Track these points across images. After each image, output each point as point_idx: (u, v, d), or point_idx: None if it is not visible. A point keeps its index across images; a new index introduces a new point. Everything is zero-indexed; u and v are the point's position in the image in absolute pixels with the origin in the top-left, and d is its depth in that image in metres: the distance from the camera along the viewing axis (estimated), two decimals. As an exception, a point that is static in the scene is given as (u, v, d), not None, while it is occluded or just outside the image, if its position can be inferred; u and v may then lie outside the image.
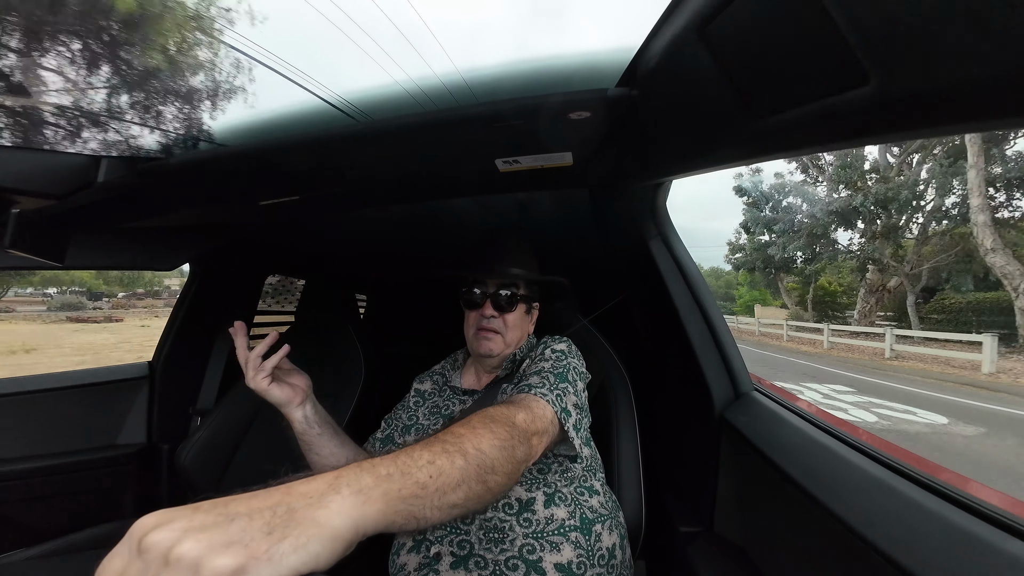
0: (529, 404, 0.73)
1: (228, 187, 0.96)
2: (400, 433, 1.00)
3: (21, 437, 1.29)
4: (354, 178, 0.93)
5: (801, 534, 0.61)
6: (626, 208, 1.01)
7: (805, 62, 0.36)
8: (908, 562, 0.41)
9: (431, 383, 1.09)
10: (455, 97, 0.65)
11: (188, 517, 0.34)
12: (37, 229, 0.89)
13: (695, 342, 0.96)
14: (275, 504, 0.36)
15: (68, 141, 0.77)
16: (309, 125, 0.72)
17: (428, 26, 0.54)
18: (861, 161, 15.75)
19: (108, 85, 0.79)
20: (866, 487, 0.53)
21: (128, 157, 0.82)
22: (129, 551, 0.32)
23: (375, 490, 0.42)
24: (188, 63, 0.82)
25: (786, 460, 0.66)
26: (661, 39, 0.48)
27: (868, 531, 0.47)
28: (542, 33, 0.57)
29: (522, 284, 1.03)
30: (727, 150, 0.56)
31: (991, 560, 0.38)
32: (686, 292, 1.00)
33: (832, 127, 0.40)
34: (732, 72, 0.43)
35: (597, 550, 0.79)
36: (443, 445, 0.52)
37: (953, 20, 0.26)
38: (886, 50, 0.30)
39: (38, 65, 0.72)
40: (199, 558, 0.31)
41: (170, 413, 1.55)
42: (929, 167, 14.87)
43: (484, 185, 0.99)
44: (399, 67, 0.58)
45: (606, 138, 0.70)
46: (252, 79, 0.65)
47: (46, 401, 1.35)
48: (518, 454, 0.61)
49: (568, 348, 0.96)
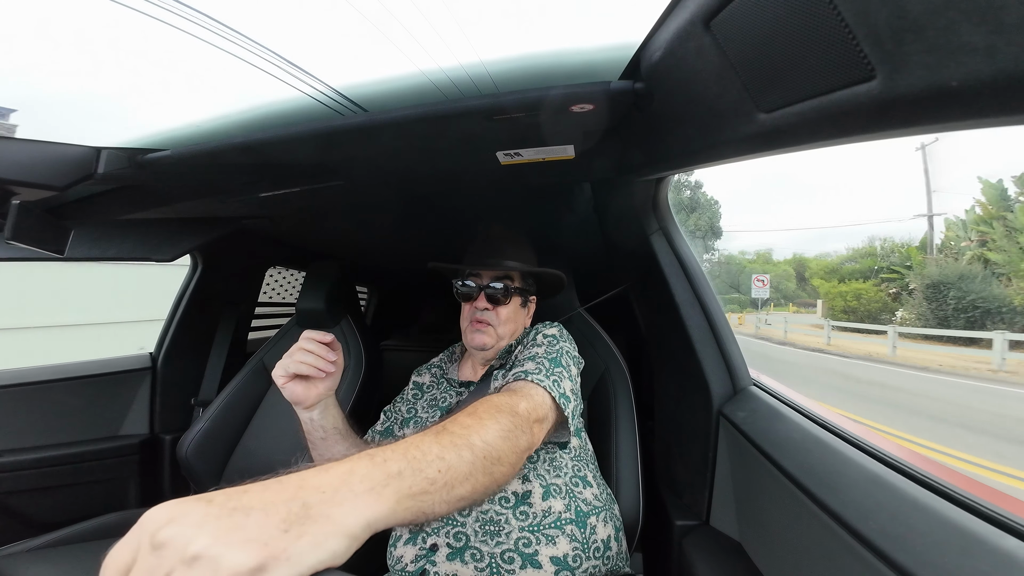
0: (529, 392, 0.73)
1: (228, 179, 0.95)
2: (399, 426, 1.01)
3: (24, 428, 1.30)
4: (355, 170, 0.93)
5: (796, 529, 0.61)
6: (628, 202, 1.01)
7: (811, 56, 0.36)
8: (903, 558, 0.42)
9: (429, 376, 1.09)
10: (457, 89, 0.64)
11: (202, 510, 0.33)
12: (38, 220, 0.89)
13: (695, 337, 0.96)
14: (290, 499, 0.36)
15: (68, 132, 0.77)
16: (309, 117, 0.72)
17: (429, 18, 0.53)
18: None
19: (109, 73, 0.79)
20: (862, 482, 0.54)
21: (128, 148, 0.82)
22: (140, 544, 0.32)
23: (386, 488, 0.42)
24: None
25: (783, 455, 0.67)
26: (666, 31, 0.48)
27: (863, 526, 0.47)
28: (545, 25, 0.56)
29: (517, 277, 1.03)
30: (731, 145, 0.56)
31: (986, 557, 0.38)
32: (687, 287, 1.00)
33: (838, 122, 0.40)
34: (737, 65, 0.43)
35: (592, 543, 0.80)
36: (451, 438, 0.52)
37: (963, 15, 0.26)
38: (893, 45, 0.30)
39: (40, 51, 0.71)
40: (218, 555, 0.30)
41: (172, 404, 1.56)
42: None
43: (486, 178, 0.99)
44: (400, 59, 0.58)
45: (609, 131, 0.70)
46: (254, 69, 0.64)
47: (48, 392, 1.35)
48: (522, 443, 0.61)
49: (559, 332, 0.96)
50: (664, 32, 0.48)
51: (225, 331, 1.71)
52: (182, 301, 1.58)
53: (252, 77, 0.60)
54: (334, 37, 0.59)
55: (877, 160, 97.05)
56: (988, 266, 14.36)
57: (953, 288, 13.64)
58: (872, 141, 0.41)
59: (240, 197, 1.09)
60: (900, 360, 10.26)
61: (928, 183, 16.73)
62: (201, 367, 1.66)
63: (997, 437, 4.77)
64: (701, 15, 0.41)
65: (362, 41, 0.55)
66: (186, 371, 1.61)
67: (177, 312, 1.57)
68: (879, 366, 9.63)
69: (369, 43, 0.55)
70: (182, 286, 1.60)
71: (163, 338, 1.57)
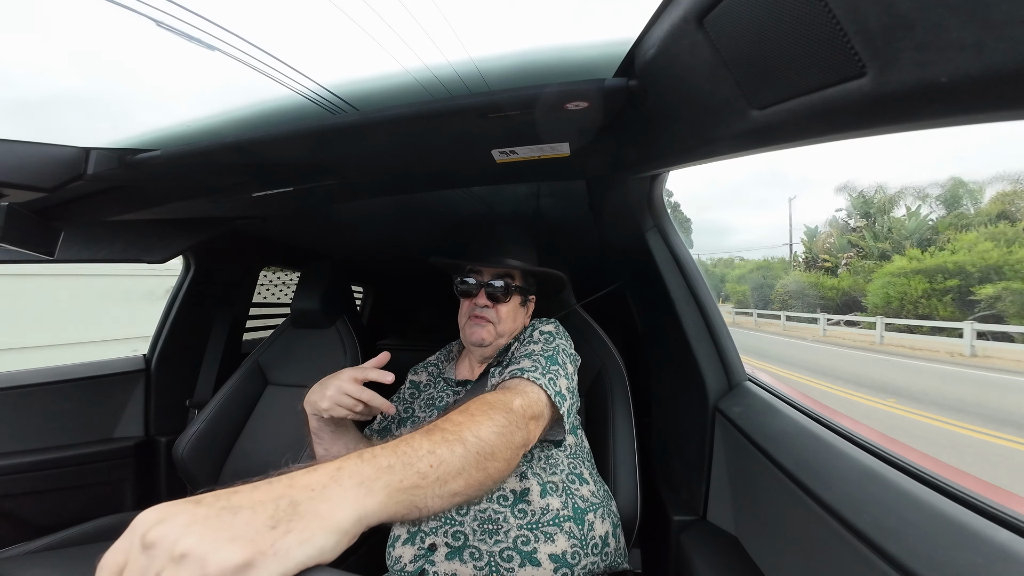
0: (524, 389, 0.73)
1: (220, 179, 0.94)
2: (396, 426, 1.00)
3: (19, 431, 1.29)
4: (348, 169, 0.92)
5: (792, 522, 0.62)
6: (623, 199, 1.01)
7: (803, 53, 0.36)
8: (896, 550, 0.42)
9: (426, 375, 1.09)
10: (451, 87, 0.64)
11: (191, 511, 0.33)
12: (27, 222, 0.88)
13: (690, 333, 0.97)
14: (278, 497, 0.36)
15: (57, 133, 0.76)
16: (302, 116, 0.71)
17: (422, 15, 0.53)
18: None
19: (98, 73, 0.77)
20: (857, 476, 0.54)
21: (118, 149, 0.81)
22: (132, 546, 0.32)
23: (377, 482, 0.42)
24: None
25: (778, 450, 0.67)
26: (659, 29, 0.48)
27: (858, 520, 0.48)
28: (539, 23, 0.56)
29: (518, 275, 1.03)
30: (725, 141, 0.56)
31: (980, 550, 0.39)
32: (682, 283, 1.00)
33: (830, 119, 0.40)
34: (730, 62, 0.43)
35: (591, 539, 0.80)
36: (442, 434, 0.52)
37: (952, 12, 0.26)
38: (884, 42, 0.30)
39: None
40: (205, 553, 0.30)
41: (167, 406, 1.55)
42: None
43: (480, 176, 0.98)
44: (394, 57, 0.57)
45: (604, 129, 0.70)
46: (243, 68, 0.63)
47: (43, 395, 1.34)
48: (516, 439, 0.62)
49: (556, 329, 0.96)
50: (658, 29, 0.48)
51: (219, 332, 1.70)
52: (175, 302, 1.56)
53: (242, 74, 0.60)
54: (320, 34, 0.58)
55: (771, 206, 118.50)
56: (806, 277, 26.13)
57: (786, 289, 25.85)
58: (864, 137, 0.41)
59: (232, 197, 1.08)
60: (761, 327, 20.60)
61: (791, 223, 31.60)
62: (196, 369, 1.65)
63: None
64: (694, 12, 0.41)
65: (350, 38, 0.55)
66: (180, 373, 1.60)
67: (170, 313, 1.56)
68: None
69: (357, 40, 0.54)
70: (175, 287, 1.59)
71: (156, 340, 1.56)
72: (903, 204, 24.19)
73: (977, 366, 9.23)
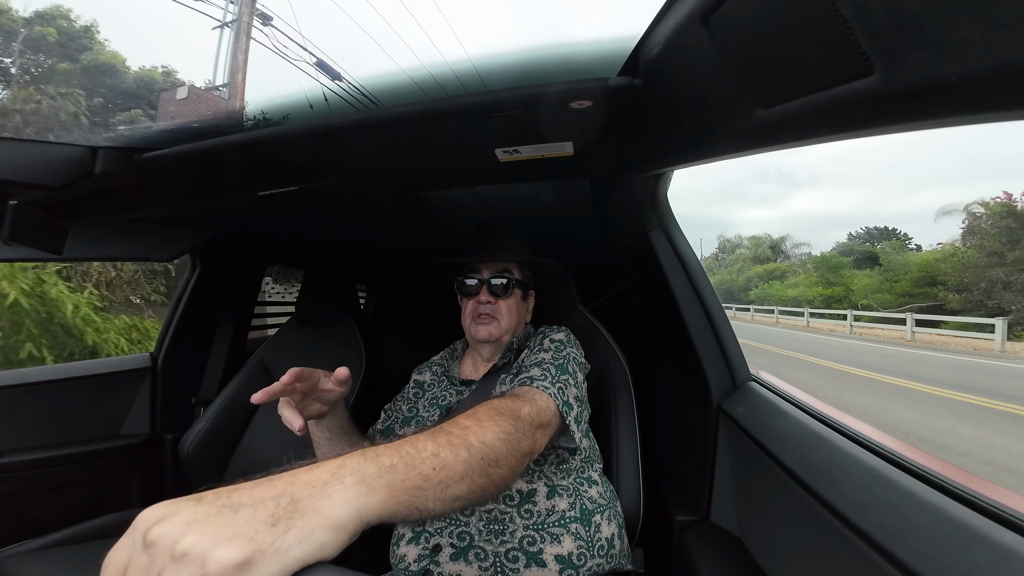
0: (533, 397, 0.73)
1: (226, 178, 0.95)
2: (400, 425, 1.01)
3: (26, 429, 1.30)
4: (353, 168, 0.93)
5: (796, 523, 0.62)
6: (627, 198, 1.00)
7: (809, 52, 0.36)
8: (901, 552, 0.42)
9: (430, 374, 1.09)
10: (455, 86, 0.64)
11: (192, 509, 0.33)
12: (35, 220, 0.89)
13: (694, 333, 0.96)
14: (279, 494, 0.36)
15: (65, 132, 0.76)
16: (307, 114, 0.72)
17: (426, 16, 0.53)
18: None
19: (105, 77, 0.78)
20: (861, 477, 0.54)
21: (125, 148, 0.81)
22: (134, 544, 0.32)
23: (378, 480, 0.41)
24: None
25: (782, 450, 0.67)
26: (664, 27, 0.47)
27: (862, 521, 0.48)
28: (544, 21, 0.56)
29: (516, 270, 1.03)
30: (730, 141, 0.55)
31: (984, 551, 0.39)
32: (686, 283, 1.00)
33: (836, 118, 0.40)
34: (736, 61, 0.43)
35: (597, 541, 0.80)
36: (448, 437, 0.52)
37: (960, 10, 0.26)
38: (891, 40, 0.30)
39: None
40: (205, 552, 0.30)
41: (173, 404, 1.56)
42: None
43: (484, 175, 0.98)
44: (398, 56, 0.57)
45: (607, 128, 0.69)
46: (250, 68, 0.64)
47: (49, 393, 1.35)
48: (522, 447, 0.61)
49: (567, 338, 0.96)
50: (662, 28, 0.48)
51: (225, 330, 1.71)
52: (181, 300, 1.57)
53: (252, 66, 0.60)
54: (332, 33, 0.59)
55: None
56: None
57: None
58: (871, 136, 0.41)
59: (238, 196, 1.09)
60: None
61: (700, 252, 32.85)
62: (201, 366, 1.66)
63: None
64: (699, 11, 0.41)
65: (350, 39, 0.55)
66: (186, 370, 1.61)
67: (176, 311, 1.57)
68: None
69: (356, 40, 0.54)
70: (181, 286, 1.60)
71: (163, 337, 1.57)
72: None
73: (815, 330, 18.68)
